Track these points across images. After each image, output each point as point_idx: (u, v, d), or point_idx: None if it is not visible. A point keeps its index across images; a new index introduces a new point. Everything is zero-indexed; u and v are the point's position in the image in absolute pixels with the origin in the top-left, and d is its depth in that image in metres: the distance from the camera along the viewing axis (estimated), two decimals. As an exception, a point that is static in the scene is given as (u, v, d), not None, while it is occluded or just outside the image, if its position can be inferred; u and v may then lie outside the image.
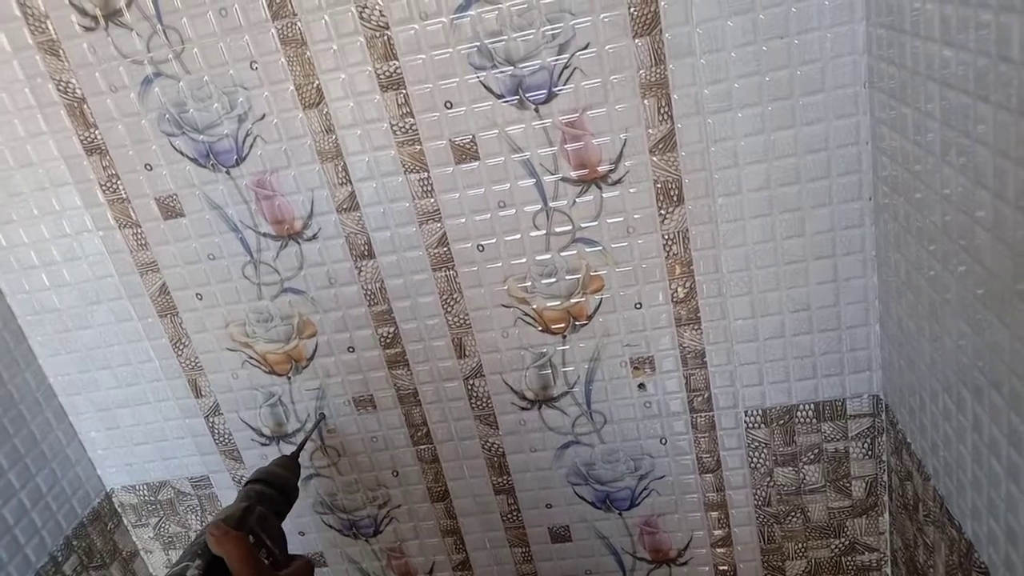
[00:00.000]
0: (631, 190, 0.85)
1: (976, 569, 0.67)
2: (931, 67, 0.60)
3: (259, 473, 0.86)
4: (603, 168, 0.85)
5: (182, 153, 0.89)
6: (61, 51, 0.86)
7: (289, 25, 0.82)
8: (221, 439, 1.06)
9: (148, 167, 0.90)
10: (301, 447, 0.94)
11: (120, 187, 0.92)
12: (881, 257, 0.83)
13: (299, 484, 0.88)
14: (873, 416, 0.92)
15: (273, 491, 0.83)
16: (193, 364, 1.02)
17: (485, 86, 0.82)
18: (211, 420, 1.05)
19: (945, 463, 0.71)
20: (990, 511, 0.62)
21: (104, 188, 0.92)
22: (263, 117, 0.86)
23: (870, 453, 0.95)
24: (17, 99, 0.88)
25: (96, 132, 0.89)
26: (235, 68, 0.84)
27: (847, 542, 1.01)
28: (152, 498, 1.12)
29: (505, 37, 0.80)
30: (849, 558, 1.02)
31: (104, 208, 0.93)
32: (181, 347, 1.01)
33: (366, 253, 0.92)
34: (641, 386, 0.95)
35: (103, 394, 1.05)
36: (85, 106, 0.88)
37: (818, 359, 0.91)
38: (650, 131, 0.82)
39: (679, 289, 0.89)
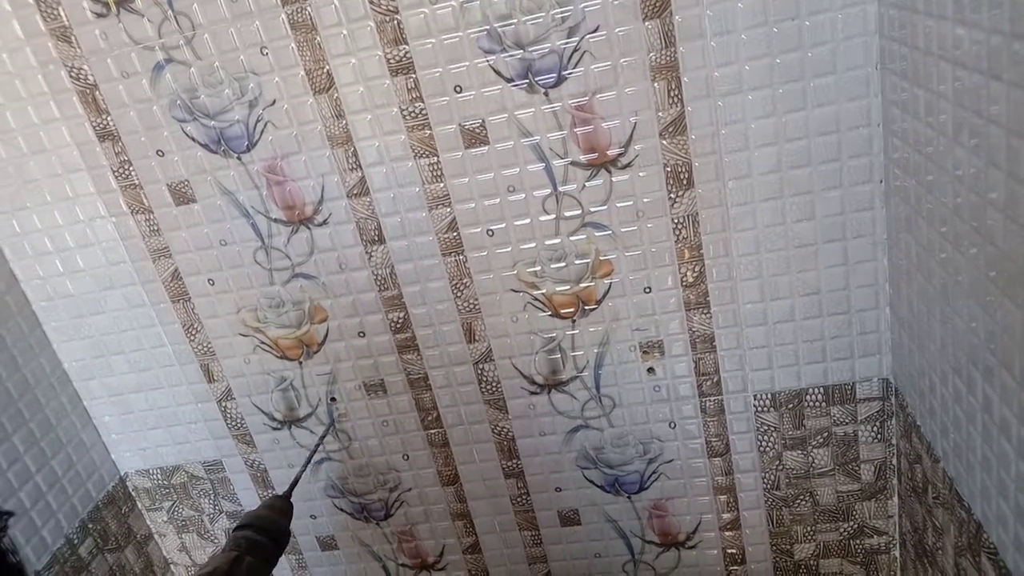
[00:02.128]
0: (641, 174, 0.85)
1: (985, 549, 0.67)
2: (944, 47, 0.60)
3: (248, 518, 0.82)
4: (613, 152, 0.85)
5: (193, 139, 0.90)
6: (73, 38, 0.86)
7: (299, 10, 0.82)
8: (233, 424, 1.07)
9: (160, 153, 0.91)
10: (295, 484, 0.90)
11: (132, 173, 0.93)
12: (892, 240, 0.83)
13: (308, 473, 0.87)
14: (882, 399, 0.93)
15: (263, 538, 0.79)
16: (205, 349, 1.02)
17: (495, 70, 0.82)
18: (223, 405, 1.06)
19: (955, 445, 0.71)
20: (1000, 491, 0.62)
21: (116, 174, 0.93)
22: (274, 103, 0.87)
23: (879, 436, 0.95)
24: (30, 86, 0.89)
25: (108, 118, 0.90)
26: (246, 54, 0.84)
27: (856, 525, 1.01)
28: (166, 482, 1.14)
29: (515, 20, 0.80)
30: (858, 541, 1.03)
31: (117, 194, 0.94)
32: (193, 332, 1.01)
33: (376, 238, 0.93)
34: (650, 370, 0.96)
35: (117, 379, 1.06)
36: (97, 92, 0.89)
37: (828, 343, 0.91)
38: (660, 114, 0.82)
39: (689, 273, 0.90)
